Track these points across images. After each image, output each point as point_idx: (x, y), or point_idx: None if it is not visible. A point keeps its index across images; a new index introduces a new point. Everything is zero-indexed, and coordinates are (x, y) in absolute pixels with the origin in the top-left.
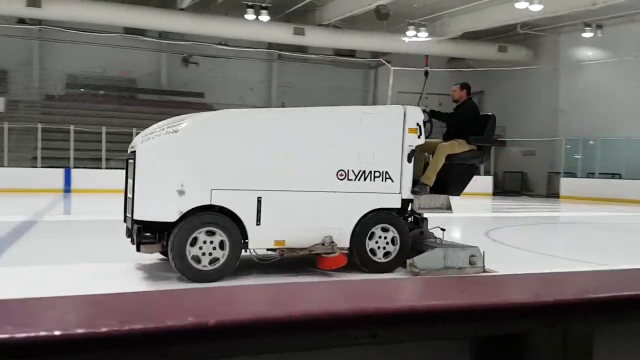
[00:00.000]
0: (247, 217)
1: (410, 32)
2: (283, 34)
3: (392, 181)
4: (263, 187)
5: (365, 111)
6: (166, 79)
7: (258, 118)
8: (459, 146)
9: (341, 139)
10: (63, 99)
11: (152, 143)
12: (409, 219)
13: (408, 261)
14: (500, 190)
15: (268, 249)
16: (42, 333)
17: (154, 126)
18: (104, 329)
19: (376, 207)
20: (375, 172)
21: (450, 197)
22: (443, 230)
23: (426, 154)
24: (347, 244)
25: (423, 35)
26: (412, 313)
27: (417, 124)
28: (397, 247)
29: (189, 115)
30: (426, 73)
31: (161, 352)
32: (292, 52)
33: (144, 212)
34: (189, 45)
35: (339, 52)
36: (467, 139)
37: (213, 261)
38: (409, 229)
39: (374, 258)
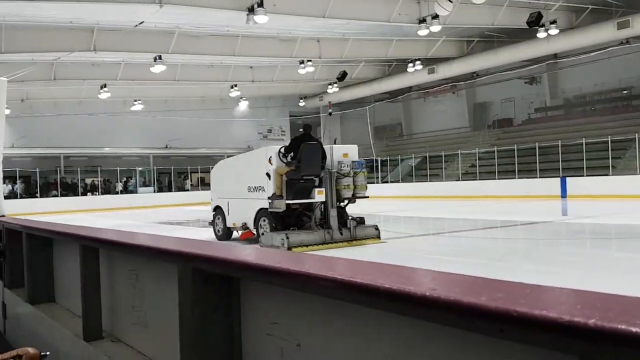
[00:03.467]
0: (225, 210)
1: None
2: None
3: (264, 191)
4: (228, 197)
5: (267, 150)
6: None
7: (228, 162)
8: (283, 169)
9: (252, 168)
10: None
11: None
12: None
13: (260, 238)
14: None
15: (231, 228)
16: None
17: None
18: None
19: (261, 207)
20: (258, 186)
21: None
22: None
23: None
24: (252, 227)
25: None
26: None
27: (270, 157)
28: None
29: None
30: (330, 114)
31: None
32: None
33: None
34: None
35: None
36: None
37: (219, 231)
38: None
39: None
